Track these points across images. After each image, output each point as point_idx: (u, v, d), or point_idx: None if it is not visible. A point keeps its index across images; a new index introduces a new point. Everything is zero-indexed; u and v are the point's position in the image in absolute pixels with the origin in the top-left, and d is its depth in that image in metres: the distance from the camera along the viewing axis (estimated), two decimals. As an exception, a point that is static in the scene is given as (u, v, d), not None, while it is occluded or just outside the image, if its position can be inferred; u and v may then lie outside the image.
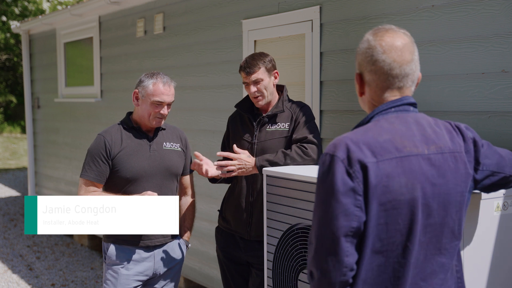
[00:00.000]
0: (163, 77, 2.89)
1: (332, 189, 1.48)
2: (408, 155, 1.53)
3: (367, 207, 1.48)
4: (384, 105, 1.63)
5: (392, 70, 1.60)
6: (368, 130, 1.57)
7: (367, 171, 1.48)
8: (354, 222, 1.47)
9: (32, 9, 19.48)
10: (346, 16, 3.36)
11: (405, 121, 1.59)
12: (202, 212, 4.51)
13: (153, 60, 5.33)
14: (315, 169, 2.67)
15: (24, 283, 5.58)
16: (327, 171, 1.51)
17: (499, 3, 2.60)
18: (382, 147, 1.51)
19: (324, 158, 1.54)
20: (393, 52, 1.60)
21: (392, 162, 1.51)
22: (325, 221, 1.49)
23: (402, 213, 1.51)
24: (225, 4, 4.38)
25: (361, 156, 1.49)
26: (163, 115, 2.90)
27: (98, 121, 6.38)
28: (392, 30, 1.64)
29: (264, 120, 2.95)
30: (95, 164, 2.87)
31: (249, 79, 2.89)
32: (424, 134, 1.59)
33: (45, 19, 7.29)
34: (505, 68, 2.59)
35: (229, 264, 3.10)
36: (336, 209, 1.47)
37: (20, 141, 17.80)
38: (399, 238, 1.52)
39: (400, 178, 1.50)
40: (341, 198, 1.47)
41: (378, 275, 1.52)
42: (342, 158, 1.50)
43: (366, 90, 1.67)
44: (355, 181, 1.48)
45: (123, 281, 2.87)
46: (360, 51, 1.67)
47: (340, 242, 1.47)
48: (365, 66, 1.64)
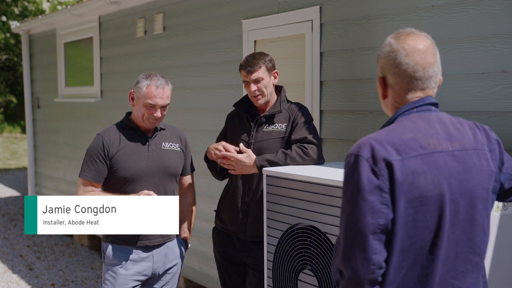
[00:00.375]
0: (158, 79, 2.87)
1: (358, 188, 1.50)
2: (432, 152, 1.55)
3: (394, 205, 1.50)
4: (406, 105, 1.64)
5: (416, 73, 1.62)
6: (391, 130, 1.59)
7: (393, 168, 1.50)
8: (382, 220, 1.49)
9: (32, 9, 19.48)
10: (346, 16, 3.36)
11: (428, 120, 1.61)
12: (202, 212, 4.51)
13: (153, 60, 5.33)
14: (315, 169, 2.67)
15: (24, 283, 5.58)
16: (352, 170, 1.53)
17: (499, 3, 2.60)
18: (406, 145, 1.53)
19: (348, 159, 1.56)
20: (416, 55, 1.62)
21: (417, 159, 1.52)
22: (352, 219, 1.50)
23: (430, 209, 1.52)
24: (225, 4, 4.38)
25: (385, 154, 1.51)
26: (156, 118, 2.88)
27: (98, 121, 6.38)
28: (414, 34, 1.66)
29: (262, 120, 2.95)
30: (93, 164, 2.87)
31: (249, 77, 2.90)
32: (447, 132, 1.61)
33: (45, 19, 7.29)
34: (505, 68, 2.59)
35: (226, 264, 3.10)
36: (363, 207, 1.49)
37: (20, 141, 17.80)
38: (427, 235, 1.53)
39: (426, 175, 1.52)
40: (367, 196, 1.49)
41: (407, 273, 1.53)
42: (367, 157, 1.52)
43: (389, 93, 1.69)
44: (380, 179, 1.50)
45: (121, 281, 2.87)
46: (383, 54, 1.68)
47: (368, 240, 1.48)
48: (388, 69, 1.66)
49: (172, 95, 5.13)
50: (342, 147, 3.40)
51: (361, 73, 3.28)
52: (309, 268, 2.43)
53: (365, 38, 3.25)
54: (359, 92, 3.29)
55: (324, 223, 2.34)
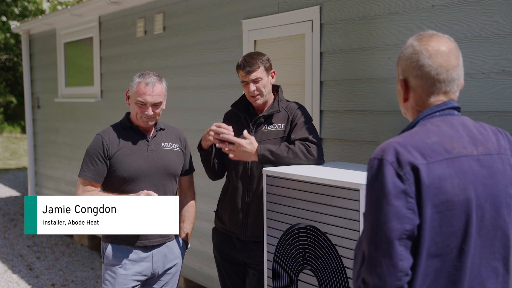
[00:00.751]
0: (149, 77, 2.86)
1: (383, 192, 1.46)
2: (458, 156, 1.52)
3: (420, 210, 1.46)
4: (429, 109, 1.61)
5: (439, 75, 1.59)
6: (415, 133, 1.55)
7: (419, 172, 1.46)
8: (408, 225, 1.45)
9: (32, 9, 19.49)
10: (346, 16, 3.36)
11: (451, 124, 1.58)
12: (202, 212, 4.51)
13: (153, 60, 5.33)
14: (315, 169, 2.67)
15: (24, 283, 5.58)
16: (376, 175, 1.49)
17: (499, 3, 2.60)
18: (431, 149, 1.50)
19: (372, 163, 1.52)
20: (439, 57, 1.59)
21: (442, 164, 1.49)
22: (377, 225, 1.46)
23: (456, 214, 1.49)
24: (225, 4, 4.38)
25: (411, 158, 1.47)
26: (148, 116, 2.87)
27: (98, 121, 6.38)
28: (437, 35, 1.64)
29: (260, 120, 2.95)
30: (92, 163, 2.88)
31: (248, 78, 2.89)
32: (471, 136, 1.58)
33: (45, 19, 7.29)
34: (505, 68, 2.59)
35: (226, 264, 3.10)
36: (388, 212, 1.44)
37: (20, 141, 17.80)
38: (454, 241, 1.50)
39: (453, 179, 1.49)
40: (392, 201, 1.45)
41: (434, 280, 1.50)
42: (391, 161, 1.48)
43: (411, 96, 1.65)
44: (406, 183, 1.46)
45: (121, 281, 2.87)
46: (404, 56, 1.64)
47: (394, 245, 1.44)
48: (411, 72, 1.62)
49: (172, 95, 5.12)
50: (342, 147, 3.40)
51: (361, 73, 3.28)
52: (309, 268, 2.43)
53: (365, 38, 3.25)
54: (359, 92, 3.29)
55: (324, 223, 2.34)
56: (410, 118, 1.68)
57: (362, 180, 2.25)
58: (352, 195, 2.21)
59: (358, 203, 2.19)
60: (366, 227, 1.51)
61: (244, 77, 2.91)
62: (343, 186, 2.26)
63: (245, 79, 2.91)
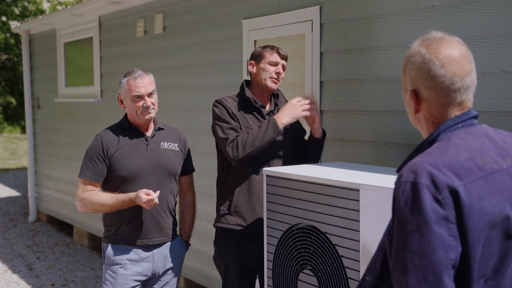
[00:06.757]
0: (135, 72, 2.92)
1: (423, 220, 1.32)
2: (491, 173, 1.42)
3: (462, 236, 1.34)
4: (450, 121, 1.48)
5: (454, 85, 1.47)
6: (444, 151, 1.42)
7: (459, 196, 1.33)
8: (452, 254, 1.32)
9: (32, 9, 19.49)
10: (346, 16, 3.36)
11: (476, 136, 1.47)
12: (202, 212, 4.51)
13: (153, 60, 5.34)
14: (315, 169, 2.67)
15: (24, 283, 5.58)
16: (412, 200, 1.34)
17: (499, 3, 2.60)
18: (465, 168, 1.38)
19: (403, 187, 1.37)
20: (453, 65, 1.47)
21: (478, 183, 1.38)
22: (421, 256, 1.33)
23: (494, 234, 1.39)
24: (225, 4, 4.38)
25: (448, 180, 1.34)
26: (148, 107, 2.90)
27: (98, 121, 6.38)
28: (445, 40, 1.50)
29: (274, 113, 2.97)
30: (92, 163, 2.89)
31: (282, 61, 2.96)
32: (497, 146, 1.48)
33: (45, 19, 7.29)
34: (505, 68, 2.59)
35: (247, 274, 2.92)
36: (432, 241, 1.31)
37: (20, 141, 17.80)
38: (492, 261, 1.40)
39: (491, 198, 1.38)
40: (435, 228, 1.31)
41: None
42: (427, 184, 1.34)
43: (423, 107, 1.52)
44: (446, 209, 1.32)
45: (121, 281, 2.87)
46: (413, 66, 1.51)
47: (442, 277, 1.32)
48: (422, 83, 1.49)
49: (172, 95, 5.13)
50: (342, 147, 3.40)
51: (361, 73, 3.28)
52: (309, 268, 2.43)
53: (365, 38, 3.25)
54: (359, 92, 3.30)
55: (324, 223, 2.34)
56: (425, 129, 1.56)
57: (362, 180, 2.25)
58: (352, 195, 2.21)
59: (358, 203, 2.19)
60: (399, 258, 1.36)
61: (277, 58, 2.95)
62: (343, 186, 2.26)
63: (278, 60, 2.94)
